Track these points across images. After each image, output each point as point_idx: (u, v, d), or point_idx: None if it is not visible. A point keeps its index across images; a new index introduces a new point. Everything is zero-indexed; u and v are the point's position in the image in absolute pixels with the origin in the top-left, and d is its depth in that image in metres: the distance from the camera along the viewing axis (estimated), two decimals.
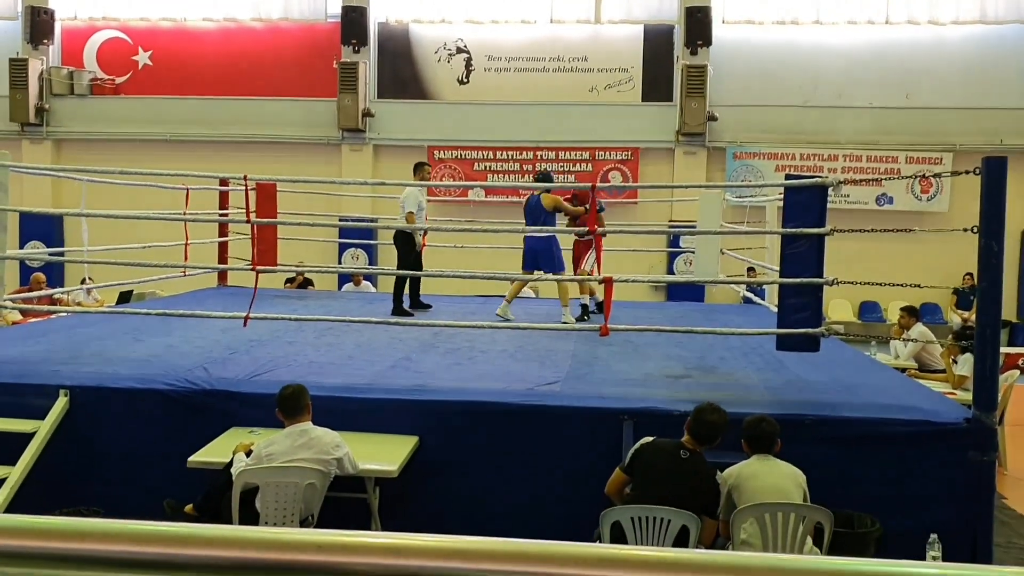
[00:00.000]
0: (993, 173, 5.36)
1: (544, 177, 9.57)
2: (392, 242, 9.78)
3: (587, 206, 9.42)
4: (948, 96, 17.03)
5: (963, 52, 17.13)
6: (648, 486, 4.88)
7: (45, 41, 18.17)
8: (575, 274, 9.43)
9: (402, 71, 18.05)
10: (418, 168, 9.83)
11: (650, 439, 5.09)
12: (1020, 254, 16.73)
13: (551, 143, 17.39)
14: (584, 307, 9.47)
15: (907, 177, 15.79)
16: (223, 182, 11.33)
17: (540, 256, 8.98)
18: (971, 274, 15.96)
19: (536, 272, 9.01)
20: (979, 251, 5.38)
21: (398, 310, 9.41)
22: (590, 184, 8.84)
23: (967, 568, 1.08)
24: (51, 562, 1.10)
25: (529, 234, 8.97)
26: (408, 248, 9.43)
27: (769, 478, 4.89)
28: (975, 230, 5.39)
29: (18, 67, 17.71)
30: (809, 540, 4.84)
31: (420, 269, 9.65)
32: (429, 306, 9.98)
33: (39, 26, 18.02)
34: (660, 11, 17.52)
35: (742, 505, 4.81)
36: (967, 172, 5.56)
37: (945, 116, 16.89)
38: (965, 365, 8.49)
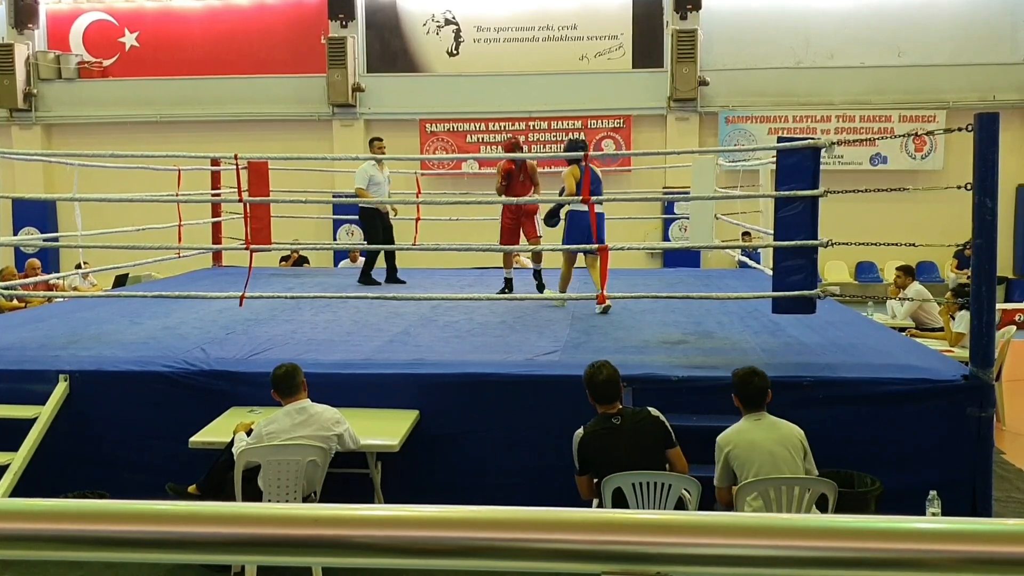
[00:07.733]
0: (986, 129, 5.34)
1: (581, 144, 8.43)
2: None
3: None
4: (940, 53, 16.94)
5: (954, 8, 17.02)
6: (610, 468, 4.86)
7: (30, 25, 18.02)
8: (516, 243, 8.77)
9: (391, 44, 17.92)
10: (370, 144, 10.34)
11: (580, 432, 5.05)
12: (1015, 210, 16.70)
13: (543, 113, 17.30)
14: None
15: (900, 136, 15.61)
16: (215, 162, 11.28)
17: (588, 232, 7.65)
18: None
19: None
20: (973, 208, 5.37)
21: (366, 279, 10.06)
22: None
23: (967, 522, 1.08)
24: (58, 543, 1.11)
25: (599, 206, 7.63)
26: (369, 223, 10.02)
27: (767, 445, 4.82)
28: (969, 187, 5.39)
29: (4, 52, 17.58)
30: (814, 509, 4.83)
31: (391, 243, 10.04)
32: (403, 282, 10.10)
33: (23, 10, 17.87)
34: None
35: (743, 479, 4.78)
36: (960, 129, 5.54)
37: (938, 73, 16.80)
38: (962, 322, 8.50)
